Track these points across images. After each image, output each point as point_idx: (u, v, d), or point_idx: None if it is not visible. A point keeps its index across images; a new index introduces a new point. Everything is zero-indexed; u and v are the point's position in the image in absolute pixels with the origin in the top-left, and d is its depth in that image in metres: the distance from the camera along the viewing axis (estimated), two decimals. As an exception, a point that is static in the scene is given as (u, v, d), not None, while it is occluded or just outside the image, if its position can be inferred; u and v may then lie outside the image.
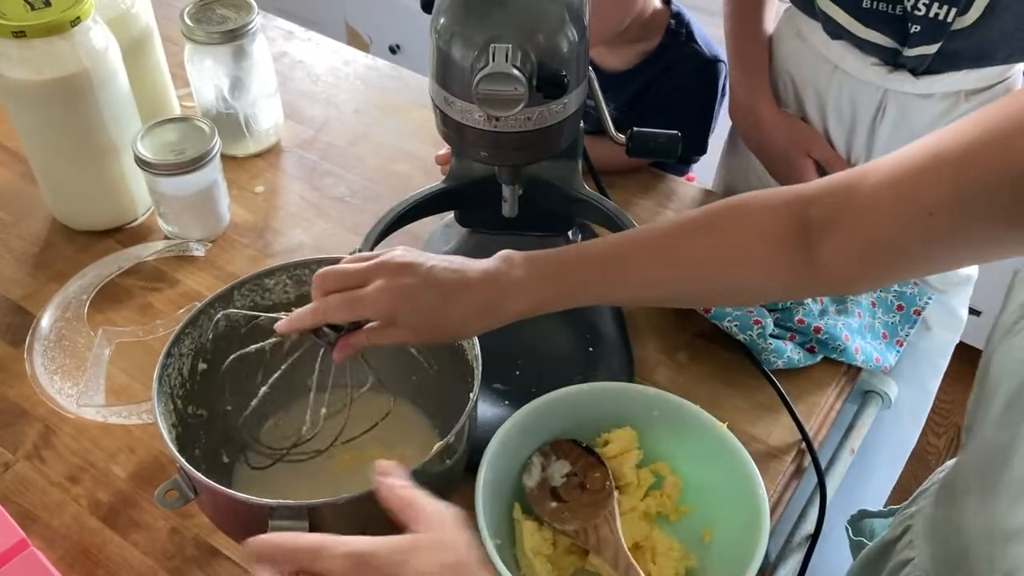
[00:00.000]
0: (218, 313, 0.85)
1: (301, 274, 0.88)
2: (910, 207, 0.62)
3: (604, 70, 1.27)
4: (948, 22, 0.98)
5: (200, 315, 0.85)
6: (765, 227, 0.71)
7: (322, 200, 1.22)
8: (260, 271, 0.87)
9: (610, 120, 0.94)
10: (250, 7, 1.19)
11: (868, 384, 1.04)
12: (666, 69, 1.25)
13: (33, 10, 1.00)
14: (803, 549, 0.90)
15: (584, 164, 1.05)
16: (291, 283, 0.88)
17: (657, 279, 0.75)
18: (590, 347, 1.00)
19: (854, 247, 0.67)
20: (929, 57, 1.03)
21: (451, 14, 0.78)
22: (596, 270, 0.74)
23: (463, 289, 0.73)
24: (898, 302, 1.06)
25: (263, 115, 1.26)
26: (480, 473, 0.80)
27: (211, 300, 0.85)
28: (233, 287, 0.86)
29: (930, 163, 0.61)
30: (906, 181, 0.62)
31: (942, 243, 0.62)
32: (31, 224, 1.18)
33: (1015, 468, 0.53)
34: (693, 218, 0.74)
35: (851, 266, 0.68)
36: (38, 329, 1.03)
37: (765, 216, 0.71)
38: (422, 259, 0.74)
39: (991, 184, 0.57)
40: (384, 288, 0.72)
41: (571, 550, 0.83)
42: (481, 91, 0.73)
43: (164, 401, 0.79)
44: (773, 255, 0.71)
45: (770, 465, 0.93)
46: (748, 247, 0.71)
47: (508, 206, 0.95)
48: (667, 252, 0.74)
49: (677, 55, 1.24)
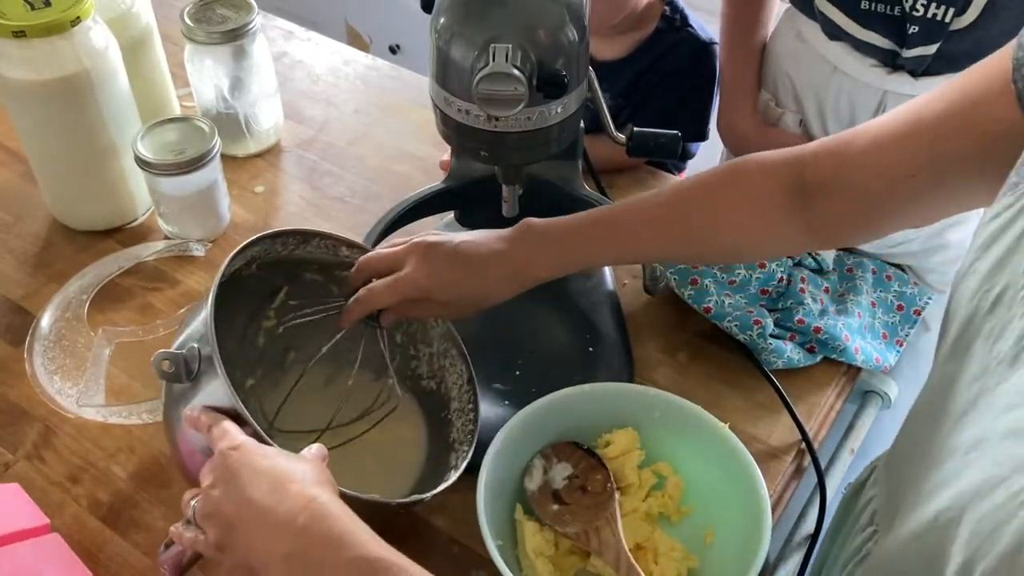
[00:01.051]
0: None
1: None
2: (894, 169, 0.68)
3: (598, 60, 1.27)
4: (946, 22, 0.98)
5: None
6: (763, 190, 0.77)
7: (322, 200, 1.22)
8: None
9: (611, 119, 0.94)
10: (250, 7, 1.19)
11: (868, 384, 1.04)
12: (661, 55, 1.25)
13: (33, 10, 1.00)
14: (803, 549, 0.90)
15: (584, 164, 1.05)
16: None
17: (663, 244, 0.82)
18: (590, 347, 1.00)
19: (845, 206, 0.73)
20: (928, 58, 1.03)
21: (451, 14, 0.78)
22: (609, 237, 0.81)
23: (486, 264, 0.80)
24: (898, 302, 1.06)
25: (263, 115, 1.26)
26: (481, 474, 0.80)
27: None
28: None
29: (912, 128, 0.67)
30: (890, 145, 0.68)
31: (925, 199, 0.68)
32: (31, 224, 1.18)
33: (957, 395, 0.55)
34: (695, 184, 0.80)
35: (843, 223, 0.75)
36: (38, 329, 1.03)
37: (763, 179, 0.77)
38: (447, 238, 0.82)
39: (965, 147, 0.63)
40: (417, 268, 0.81)
41: (573, 551, 0.83)
42: (481, 91, 0.73)
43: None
44: (771, 215, 0.77)
45: (770, 465, 0.93)
46: (746, 210, 0.78)
47: (508, 206, 0.95)
48: (670, 219, 0.80)
49: (672, 40, 1.25)
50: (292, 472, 0.64)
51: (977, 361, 0.53)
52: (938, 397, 0.58)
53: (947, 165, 0.65)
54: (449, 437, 0.88)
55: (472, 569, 0.85)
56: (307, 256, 0.87)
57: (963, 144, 0.63)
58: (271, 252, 0.85)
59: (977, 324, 0.54)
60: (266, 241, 0.82)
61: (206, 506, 0.66)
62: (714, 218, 0.79)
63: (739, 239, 0.80)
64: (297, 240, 0.85)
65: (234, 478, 0.64)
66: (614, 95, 1.27)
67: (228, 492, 0.64)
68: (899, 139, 0.68)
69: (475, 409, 0.87)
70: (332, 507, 0.62)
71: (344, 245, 0.88)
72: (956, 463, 0.52)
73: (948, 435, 0.55)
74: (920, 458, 0.59)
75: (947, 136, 0.64)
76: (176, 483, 0.91)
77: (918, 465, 0.59)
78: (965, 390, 0.54)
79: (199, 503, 0.66)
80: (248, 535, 0.63)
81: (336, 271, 0.89)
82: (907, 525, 0.56)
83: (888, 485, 0.70)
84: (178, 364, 0.73)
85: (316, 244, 0.87)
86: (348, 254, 0.88)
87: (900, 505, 0.61)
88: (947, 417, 0.56)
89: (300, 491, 0.63)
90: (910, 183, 0.67)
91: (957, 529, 0.48)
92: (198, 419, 0.71)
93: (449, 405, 0.90)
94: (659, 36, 1.25)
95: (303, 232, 0.85)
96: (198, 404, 0.73)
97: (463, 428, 0.87)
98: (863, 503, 0.74)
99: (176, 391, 0.75)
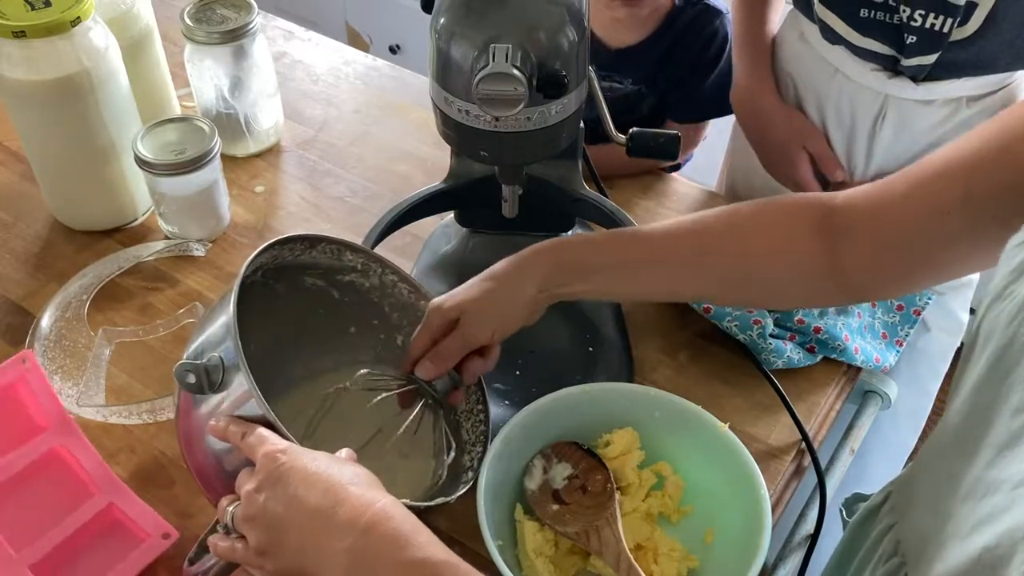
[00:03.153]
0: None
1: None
2: (925, 207, 0.67)
3: (617, 47, 1.25)
4: (945, 33, 0.98)
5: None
6: (788, 237, 0.75)
7: (322, 200, 1.22)
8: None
9: (611, 121, 0.94)
10: (250, 7, 1.19)
11: (868, 384, 1.04)
12: (682, 32, 1.23)
13: (33, 10, 1.00)
14: (803, 549, 0.90)
15: (584, 164, 1.05)
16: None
17: (682, 291, 0.84)
18: (590, 347, 1.00)
19: (874, 248, 0.72)
20: (928, 66, 1.03)
21: (451, 14, 0.78)
22: (629, 280, 0.82)
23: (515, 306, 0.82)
24: (898, 302, 1.06)
25: (263, 115, 1.26)
26: (482, 474, 0.80)
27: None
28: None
29: (943, 167, 0.66)
30: (922, 183, 0.67)
31: (957, 244, 0.67)
32: (31, 224, 1.18)
33: (996, 427, 0.53)
34: (716, 226, 0.79)
35: (873, 267, 0.73)
36: (38, 329, 1.03)
37: (787, 226, 0.76)
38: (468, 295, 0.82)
39: (998, 186, 0.62)
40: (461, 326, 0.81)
41: (573, 551, 0.83)
42: (481, 91, 0.73)
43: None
44: (797, 263, 0.76)
45: (770, 465, 0.93)
46: (771, 259, 0.77)
47: (508, 206, 0.95)
48: (694, 263, 0.80)
49: (690, 15, 1.23)
50: (346, 475, 0.64)
51: (1019, 392, 0.51)
52: (970, 427, 0.56)
53: (980, 205, 0.64)
54: (459, 438, 0.88)
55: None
56: (310, 261, 0.87)
57: (996, 183, 0.62)
58: (279, 258, 0.85)
59: (1017, 352, 0.52)
60: (276, 248, 0.82)
61: (249, 509, 0.64)
62: (744, 266, 0.78)
63: (761, 289, 0.80)
64: (304, 245, 0.85)
65: (283, 480, 0.64)
66: (636, 80, 1.25)
67: (277, 494, 0.63)
68: (931, 177, 0.67)
69: (485, 410, 0.87)
70: (396, 510, 0.62)
71: (349, 249, 0.88)
72: (1002, 498, 0.50)
73: (988, 468, 0.53)
74: (952, 490, 0.57)
75: (980, 173, 0.63)
76: (177, 483, 0.91)
77: (951, 497, 0.57)
78: (1007, 421, 0.52)
79: (241, 507, 0.65)
80: (301, 535, 0.62)
81: (338, 276, 0.89)
82: (946, 561, 0.54)
83: (913, 515, 0.68)
84: (199, 375, 0.72)
85: (321, 249, 0.87)
86: (352, 259, 0.88)
87: (932, 539, 0.59)
88: (985, 449, 0.54)
89: (361, 494, 0.62)
90: (942, 222, 0.66)
91: (1008, 568, 0.46)
92: (226, 429, 0.70)
93: (456, 407, 0.90)
94: (678, 13, 1.23)
95: (310, 237, 0.85)
96: (222, 414, 0.72)
97: (473, 429, 0.87)
98: (880, 529, 0.72)
99: (196, 401, 0.74)
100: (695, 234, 0.80)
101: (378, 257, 0.90)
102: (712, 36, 1.24)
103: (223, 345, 0.73)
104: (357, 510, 0.61)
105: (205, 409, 0.74)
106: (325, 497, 0.62)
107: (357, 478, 0.64)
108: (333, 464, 0.65)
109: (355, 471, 0.65)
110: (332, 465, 0.65)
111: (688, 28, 1.23)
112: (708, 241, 0.79)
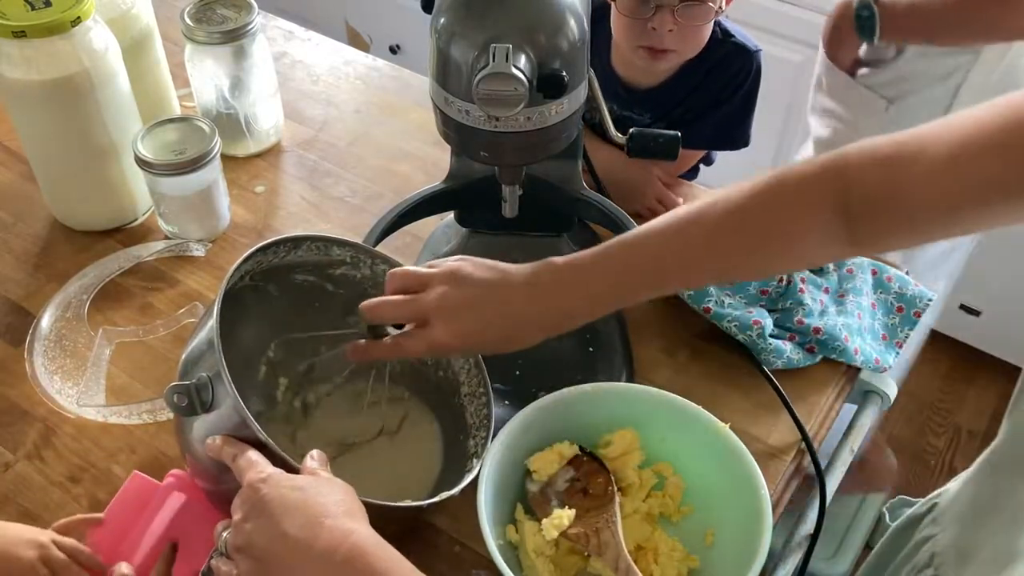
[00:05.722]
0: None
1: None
2: (960, 182, 0.62)
3: (643, 87, 1.22)
4: None
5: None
6: (806, 218, 0.72)
7: (322, 200, 1.22)
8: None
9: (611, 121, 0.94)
10: (250, 7, 1.19)
11: (868, 384, 1.04)
12: (710, 70, 1.20)
13: (33, 10, 1.00)
14: (803, 549, 0.90)
15: (584, 164, 1.05)
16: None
17: (697, 280, 0.84)
18: (590, 347, 1.00)
19: (896, 222, 0.68)
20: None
21: (451, 14, 0.78)
22: (641, 284, 0.78)
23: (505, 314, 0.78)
24: (898, 303, 1.06)
25: (263, 115, 1.26)
26: (482, 473, 0.80)
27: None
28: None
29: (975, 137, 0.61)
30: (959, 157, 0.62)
31: (989, 212, 0.63)
32: (31, 224, 1.18)
33: None
34: (730, 215, 0.74)
35: (891, 236, 0.70)
36: (38, 329, 1.03)
37: (804, 208, 0.72)
38: (477, 273, 0.78)
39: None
40: (438, 295, 0.76)
41: (573, 550, 0.83)
42: (481, 91, 0.73)
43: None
44: (815, 239, 0.72)
45: (770, 465, 0.93)
46: (786, 234, 0.73)
47: (508, 206, 0.95)
48: (710, 246, 0.75)
49: (721, 54, 1.20)
50: (325, 505, 0.64)
51: None
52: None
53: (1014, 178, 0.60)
54: (464, 422, 0.88)
55: (473, 569, 0.85)
56: (297, 260, 0.87)
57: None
58: (264, 263, 0.85)
59: None
60: (257, 255, 0.82)
61: (237, 539, 0.65)
62: (753, 248, 0.75)
63: (775, 260, 0.78)
64: (288, 247, 0.85)
65: (265, 512, 0.64)
66: (655, 118, 1.23)
67: (260, 526, 0.64)
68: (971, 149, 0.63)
69: (487, 393, 0.87)
70: (370, 542, 0.62)
71: (335, 244, 0.88)
72: None
73: None
74: (1001, 511, 0.56)
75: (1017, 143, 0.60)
76: (176, 483, 0.91)
77: (999, 519, 0.56)
78: None
79: (230, 535, 0.66)
80: (281, 570, 0.62)
81: (329, 270, 0.89)
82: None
83: (955, 530, 0.67)
84: (190, 395, 0.72)
85: (307, 247, 0.87)
86: (340, 253, 0.89)
87: (973, 557, 0.58)
88: None
89: (336, 525, 0.62)
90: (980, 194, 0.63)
91: None
92: (221, 449, 0.71)
93: (459, 390, 0.90)
94: (706, 52, 1.18)
95: (293, 239, 0.85)
96: (217, 434, 0.72)
97: (477, 413, 0.87)
98: (918, 539, 0.72)
99: (191, 420, 0.75)
100: (709, 217, 0.75)
101: (366, 248, 0.90)
102: (737, 74, 1.22)
103: (210, 362, 0.73)
104: (332, 544, 0.61)
105: (200, 427, 0.74)
106: (302, 531, 0.62)
107: (336, 507, 0.64)
108: (310, 491, 0.65)
109: (334, 498, 0.65)
110: (310, 494, 0.65)
111: (716, 67, 1.20)
112: (714, 234, 0.75)
